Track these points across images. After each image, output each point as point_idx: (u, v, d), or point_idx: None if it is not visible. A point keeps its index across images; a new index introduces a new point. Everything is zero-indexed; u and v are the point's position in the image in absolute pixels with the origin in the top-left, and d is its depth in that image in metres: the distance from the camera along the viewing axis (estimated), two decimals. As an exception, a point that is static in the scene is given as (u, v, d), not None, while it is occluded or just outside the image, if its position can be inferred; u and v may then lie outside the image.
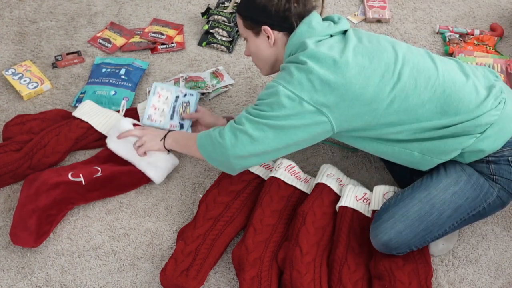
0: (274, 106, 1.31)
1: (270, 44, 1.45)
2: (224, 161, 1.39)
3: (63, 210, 1.55)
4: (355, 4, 2.34)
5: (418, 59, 1.36)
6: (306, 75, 1.29)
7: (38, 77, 1.96)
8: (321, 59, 1.30)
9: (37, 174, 1.58)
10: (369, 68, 1.30)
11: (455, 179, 1.37)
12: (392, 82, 1.31)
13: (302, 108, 1.29)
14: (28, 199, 1.51)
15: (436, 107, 1.32)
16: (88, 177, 1.57)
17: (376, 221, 1.40)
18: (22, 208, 1.50)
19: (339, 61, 1.29)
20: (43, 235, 1.50)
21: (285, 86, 1.31)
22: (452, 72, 1.37)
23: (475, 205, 1.36)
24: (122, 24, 2.22)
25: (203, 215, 1.52)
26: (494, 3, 2.33)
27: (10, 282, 1.47)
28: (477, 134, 1.33)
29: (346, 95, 1.29)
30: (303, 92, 1.29)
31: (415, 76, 1.32)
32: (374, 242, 1.39)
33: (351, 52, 1.32)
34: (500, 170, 1.35)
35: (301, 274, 1.37)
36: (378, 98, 1.30)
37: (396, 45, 1.38)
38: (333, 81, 1.28)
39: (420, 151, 1.37)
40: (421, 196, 1.37)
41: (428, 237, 1.37)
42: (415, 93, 1.31)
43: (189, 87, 1.90)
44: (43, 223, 1.50)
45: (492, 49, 2.08)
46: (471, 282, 1.46)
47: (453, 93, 1.32)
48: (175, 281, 1.38)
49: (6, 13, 2.27)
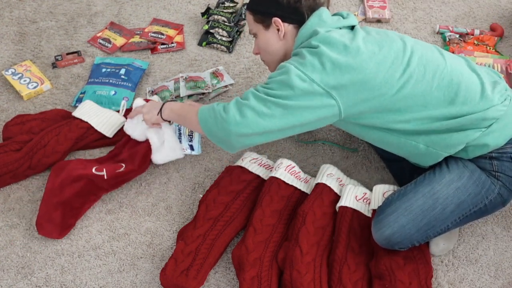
0: (284, 85, 1.30)
1: (280, 37, 1.45)
2: (225, 138, 1.35)
3: (87, 202, 1.59)
4: (355, 4, 2.34)
5: (426, 50, 1.39)
6: (318, 58, 1.30)
7: (38, 77, 1.96)
8: (333, 43, 1.31)
9: (64, 163, 1.62)
10: (379, 54, 1.31)
11: (458, 175, 1.37)
12: (401, 69, 1.32)
13: (312, 90, 1.29)
14: (53, 192, 1.54)
15: (444, 95, 1.33)
16: (110, 172, 1.59)
17: (378, 215, 1.40)
18: (47, 201, 1.54)
19: (350, 46, 1.30)
20: (67, 227, 1.55)
21: (297, 66, 1.31)
22: (459, 65, 1.39)
23: (477, 201, 1.37)
24: (122, 24, 2.22)
25: (203, 215, 1.52)
26: (494, 3, 2.33)
27: (10, 282, 1.47)
28: (483, 128, 1.34)
29: (356, 78, 1.29)
30: (314, 73, 1.29)
31: (423, 63, 1.34)
32: (377, 236, 1.39)
33: (361, 40, 1.33)
34: (502, 167, 1.35)
35: (301, 274, 1.37)
36: (387, 84, 1.30)
37: (404, 38, 1.40)
38: (344, 65, 1.29)
39: (425, 143, 1.37)
40: (425, 191, 1.37)
41: (430, 232, 1.37)
42: (423, 80, 1.32)
43: (189, 87, 1.90)
44: (68, 216, 1.54)
45: (492, 49, 2.08)
46: (471, 282, 1.46)
47: (461, 83, 1.34)
48: (175, 281, 1.38)
49: (6, 13, 2.27)
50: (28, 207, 1.63)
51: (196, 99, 1.92)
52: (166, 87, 1.92)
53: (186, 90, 1.90)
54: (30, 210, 1.62)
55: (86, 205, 1.59)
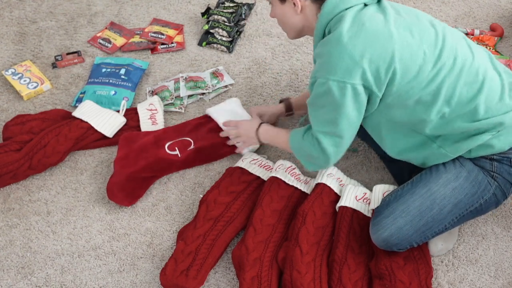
0: (332, 104, 1.30)
1: (297, 11, 1.39)
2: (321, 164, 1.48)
3: (158, 176, 1.67)
4: (355, 4, 2.34)
5: (456, 40, 1.33)
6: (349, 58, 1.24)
7: (38, 77, 1.96)
8: (362, 35, 1.25)
9: (134, 134, 1.69)
10: (412, 43, 1.27)
11: (455, 175, 1.37)
12: (433, 60, 1.27)
13: (355, 92, 1.27)
14: (127, 162, 1.62)
15: (468, 91, 1.29)
16: (183, 150, 1.67)
17: (376, 217, 1.40)
18: (120, 170, 1.61)
19: (382, 33, 1.25)
20: (136, 197, 1.62)
21: (332, 79, 1.27)
22: (484, 59, 1.35)
23: (473, 201, 1.36)
24: (122, 24, 2.22)
25: (203, 215, 1.52)
26: (494, 3, 2.33)
27: (10, 282, 1.47)
28: (493, 132, 1.32)
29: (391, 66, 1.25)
30: (349, 77, 1.25)
31: (453, 55, 1.29)
32: (375, 238, 1.38)
33: (393, 24, 1.27)
34: (501, 169, 1.35)
35: (301, 274, 1.37)
36: (420, 76, 1.27)
37: (434, 22, 1.34)
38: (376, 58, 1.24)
39: (439, 144, 1.36)
40: (422, 192, 1.37)
41: (428, 232, 1.36)
42: (451, 74, 1.28)
43: (189, 87, 1.90)
44: (138, 187, 1.62)
45: (492, 49, 2.08)
46: (471, 282, 1.46)
47: (485, 80, 1.30)
48: (175, 281, 1.38)
49: (6, 13, 2.27)
50: (28, 207, 1.63)
51: (196, 99, 1.92)
52: (166, 87, 1.92)
53: (186, 90, 1.91)
54: (30, 210, 1.62)
55: (155, 178, 1.66)
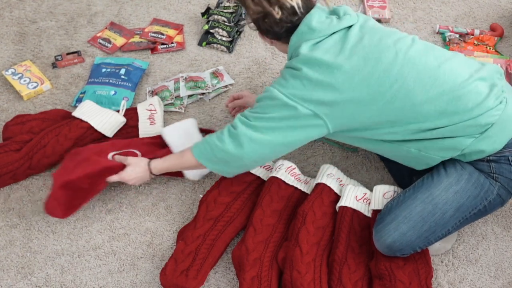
0: (270, 108, 1.33)
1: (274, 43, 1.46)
2: (234, 170, 1.43)
3: (99, 185, 1.52)
4: (355, 4, 2.34)
5: (419, 57, 1.32)
6: (300, 80, 1.31)
7: (38, 77, 1.96)
8: (314, 64, 1.30)
9: (82, 148, 1.59)
10: (364, 70, 1.29)
11: (456, 178, 1.37)
12: (388, 83, 1.29)
13: (297, 112, 1.30)
14: (63, 171, 1.51)
15: (435, 106, 1.30)
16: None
17: (379, 223, 1.40)
18: (55, 179, 1.49)
19: (332, 65, 1.29)
20: (72, 208, 1.52)
21: (280, 90, 1.32)
22: (454, 70, 1.33)
23: (476, 203, 1.36)
24: (122, 24, 2.22)
25: (203, 216, 1.52)
26: (494, 3, 2.33)
27: (10, 282, 1.47)
28: (476, 134, 1.32)
29: (340, 98, 1.29)
30: (297, 96, 1.30)
31: (414, 76, 1.30)
32: (378, 245, 1.38)
33: (347, 53, 1.30)
34: (501, 169, 1.35)
35: (301, 274, 1.37)
36: (373, 99, 1.29)
37: (398, 43, 1.34)
38: (326, 85, 1.29)
39: (417, 149, 1.37)
40: (423, 197, 1.37)
41: (431, 237, 1.36)
42: (412, 94, 1.29)
43: (189, 87, 1.90)
44: (74, 197, 1.51)
45: (492, 49, 2.08)
46: (471, 282, 1.46)
47: (452, 93, 1.30)
48: (175, 281, 1.38)
49: (6, 13, 2.27)
50: (28, 207, 1.63)
51: (196, 99, 1.92)
52: (166, 87, 1.92)
53: (186, 90, 1.91)
54: (30, 210, 1.62)
55: (95, 188, 1.52)
